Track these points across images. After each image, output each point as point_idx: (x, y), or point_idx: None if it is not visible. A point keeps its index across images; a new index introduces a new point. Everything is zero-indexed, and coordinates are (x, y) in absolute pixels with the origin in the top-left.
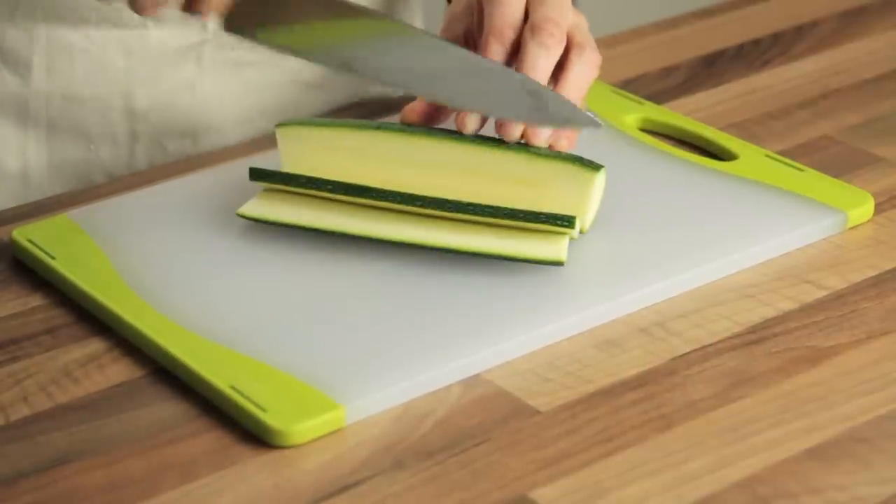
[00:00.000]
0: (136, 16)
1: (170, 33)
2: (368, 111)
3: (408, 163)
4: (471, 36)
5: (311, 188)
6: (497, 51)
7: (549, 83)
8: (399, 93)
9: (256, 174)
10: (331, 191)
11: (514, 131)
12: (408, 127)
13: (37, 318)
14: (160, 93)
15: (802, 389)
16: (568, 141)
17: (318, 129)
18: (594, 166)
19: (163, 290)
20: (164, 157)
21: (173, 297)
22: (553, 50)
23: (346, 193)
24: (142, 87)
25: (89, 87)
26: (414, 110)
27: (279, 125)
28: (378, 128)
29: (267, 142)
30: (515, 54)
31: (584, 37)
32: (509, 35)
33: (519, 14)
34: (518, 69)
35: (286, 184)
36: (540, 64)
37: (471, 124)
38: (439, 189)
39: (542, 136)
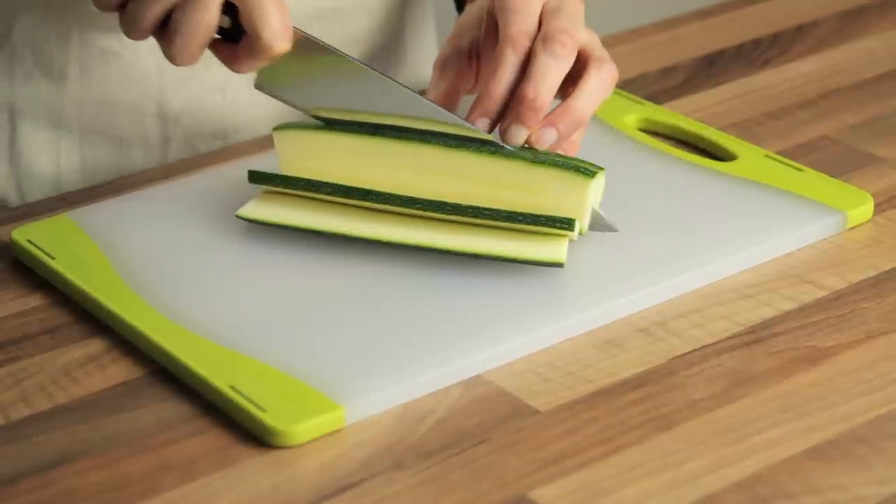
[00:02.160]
0: None
1: None
2: None
3: (404, 168)
4: (476, 47)
5: (310, 190)
6: (511, 59)
7: (558, 94)
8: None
9: (256, 176)
10: (330, 193)
11: (519, 138)
12: (404, 133)
13: (37, 318)
14: (192, 96)
15: (802, 389)
16: (570, 145)
17: (314, 132)
18: (589, 172)
19: (163, 290)
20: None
21: (173, 297)
22: (563, 60)
23: (345, 196)
24: (174, 91)
25: (122, 91)
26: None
27: (276, 128)
28: (374, 133)
29: (268, 142)
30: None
31: (602, 52)
32: (524, 44)
33: (534, 24)
34: (528, 78)
35: (285, 186)
36: (550, 73)
37: (481, 125)
38: (436, 194)
39: (546, 140)
